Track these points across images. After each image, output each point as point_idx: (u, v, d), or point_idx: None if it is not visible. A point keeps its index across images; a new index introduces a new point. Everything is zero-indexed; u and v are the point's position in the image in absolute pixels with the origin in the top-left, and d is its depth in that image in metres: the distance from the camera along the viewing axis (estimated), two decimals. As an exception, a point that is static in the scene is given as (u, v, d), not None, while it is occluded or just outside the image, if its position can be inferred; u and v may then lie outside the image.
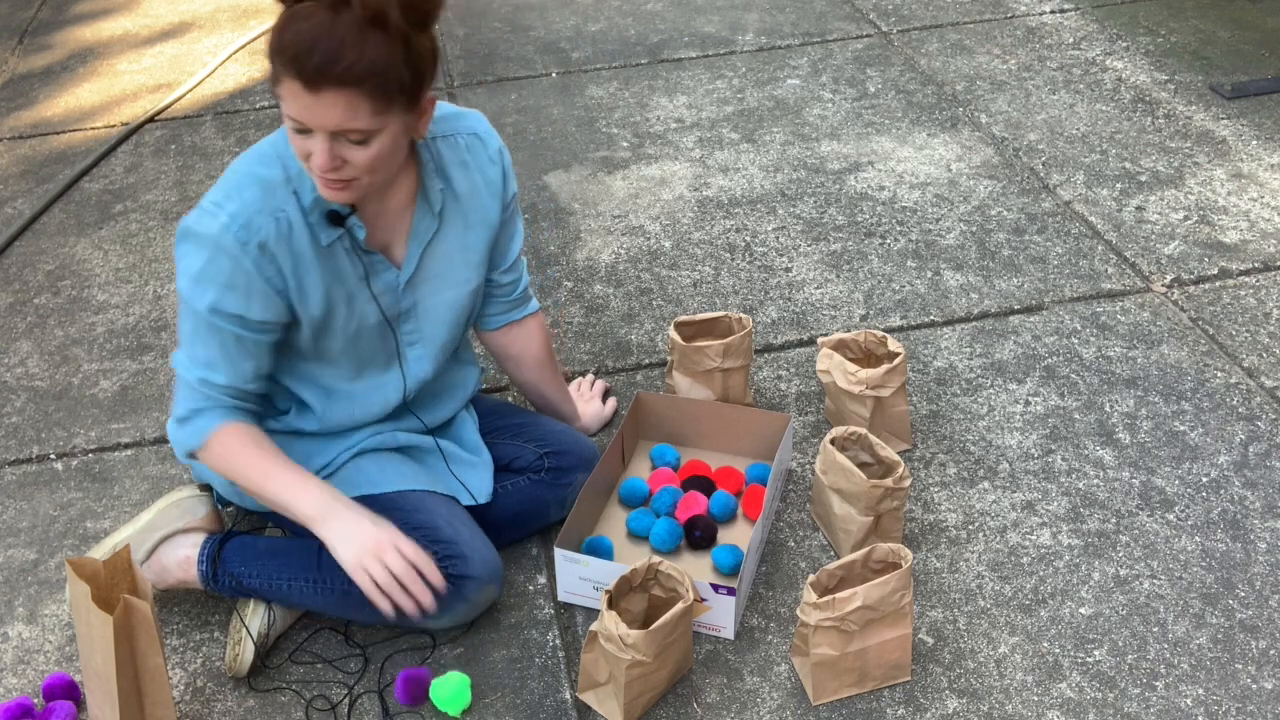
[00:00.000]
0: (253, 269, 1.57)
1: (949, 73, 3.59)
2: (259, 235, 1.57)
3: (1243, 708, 1.71)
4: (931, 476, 2.14)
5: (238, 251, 1.56)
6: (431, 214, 1.72)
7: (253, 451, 1.67)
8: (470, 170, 1.75)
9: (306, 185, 1.59)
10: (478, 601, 1.80)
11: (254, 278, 1.58)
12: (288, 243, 1.60)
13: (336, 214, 1.61)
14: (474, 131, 1.76)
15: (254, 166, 1.60)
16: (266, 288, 1.60)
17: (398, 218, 1.71)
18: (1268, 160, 3.07)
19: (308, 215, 1.61)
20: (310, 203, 1.60)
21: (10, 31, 4.23)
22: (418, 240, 1.72)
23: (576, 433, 2.05)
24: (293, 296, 1.64)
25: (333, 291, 1.67)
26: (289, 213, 1.59)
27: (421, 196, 1.70)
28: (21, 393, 2.46)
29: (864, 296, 2.62)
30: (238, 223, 1.56)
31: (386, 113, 1.47)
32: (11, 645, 1.89)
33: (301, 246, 1.61)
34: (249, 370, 1.67)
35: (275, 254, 1.59)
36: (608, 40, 3.91)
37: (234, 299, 1.59)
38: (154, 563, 1.85)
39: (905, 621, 1.71)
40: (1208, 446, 2.18)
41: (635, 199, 3.02)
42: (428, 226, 1.72)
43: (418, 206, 1.70)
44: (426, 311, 1.78)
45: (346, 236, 1.65)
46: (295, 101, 1.44)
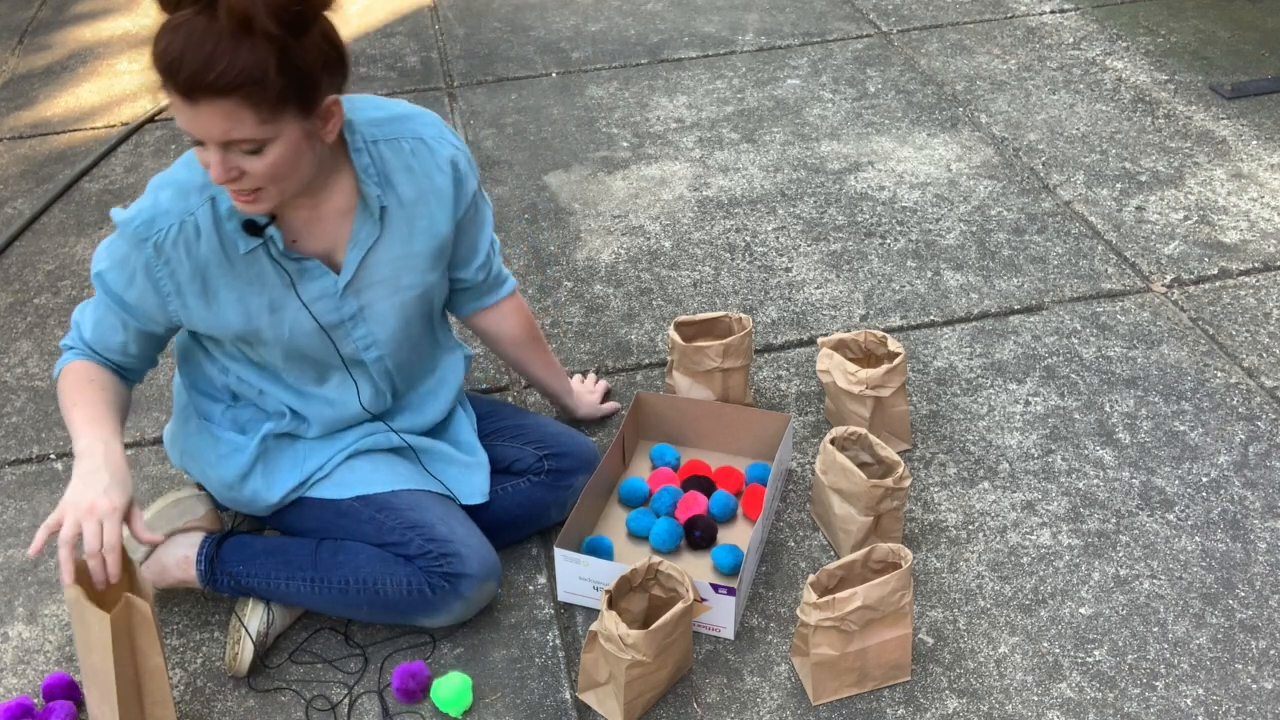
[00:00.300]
0: (141, 265, 1.59)
1: (949, 73, 3.59)
2: (157, 235, 1.56)
3: (1243, 708, 1.71)
4: (931, 476, 2.14)
5: (134, 244, 1.57)
6: (372, 220, 1.65)
7: (74, 389, 1.65)
8: (416, 176, 1.67)
9: (225, 192, 1.56)
10: (475, 600, 1.80)
11: (139, 272, 1.60)
12: (189, 247, 1.57)
13: (253, 223, 1.57)
14: (419, 137, 1.68)
15: (180, 168, 1.59)
16: (149, 285, 1.60)
17: (337, 224, 1.65)
18: (1268, 160, 3.07)
19: (223, 222, 1.57)
20: (227, 210, 1.56)
21: (10, 31, 4.23)
22: (358, 247, 1.66)
23: (577, 434, 2.05)
24: (186, 302, 1.62)
25: (249, 300, 1.63)
26: (198, 217, 1.56)
27: (361, 201, 1.64)
28: (21, 393, 2.46)
29: (864, 296, 2.62)
30: (140, 219, 1.56)
31: (275, 120, 1.41)
32: (11, 645, 1.89)
33: (208, 252, 1.58)
34: (115, 342, 1.68)
35: (170, 257, 1.57)
36: (608, 40, 3.91)
37: (119, 276, 1.61)
38: (153, 562, 1.85)
39: (905, 621, 1.71)
40: (1208, 446, 2.18)
41: (635, 199, 3.02)
42: (369, 233, 1.66)
43: (358, 211, 1.65)
44: (376, 316, 1.72)
45: (271, 244, 1.60)
46: (179, 114, 1.41)
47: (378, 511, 1.79)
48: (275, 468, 1.81)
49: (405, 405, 1.89)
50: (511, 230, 2.91)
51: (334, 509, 1.81)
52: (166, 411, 2.36)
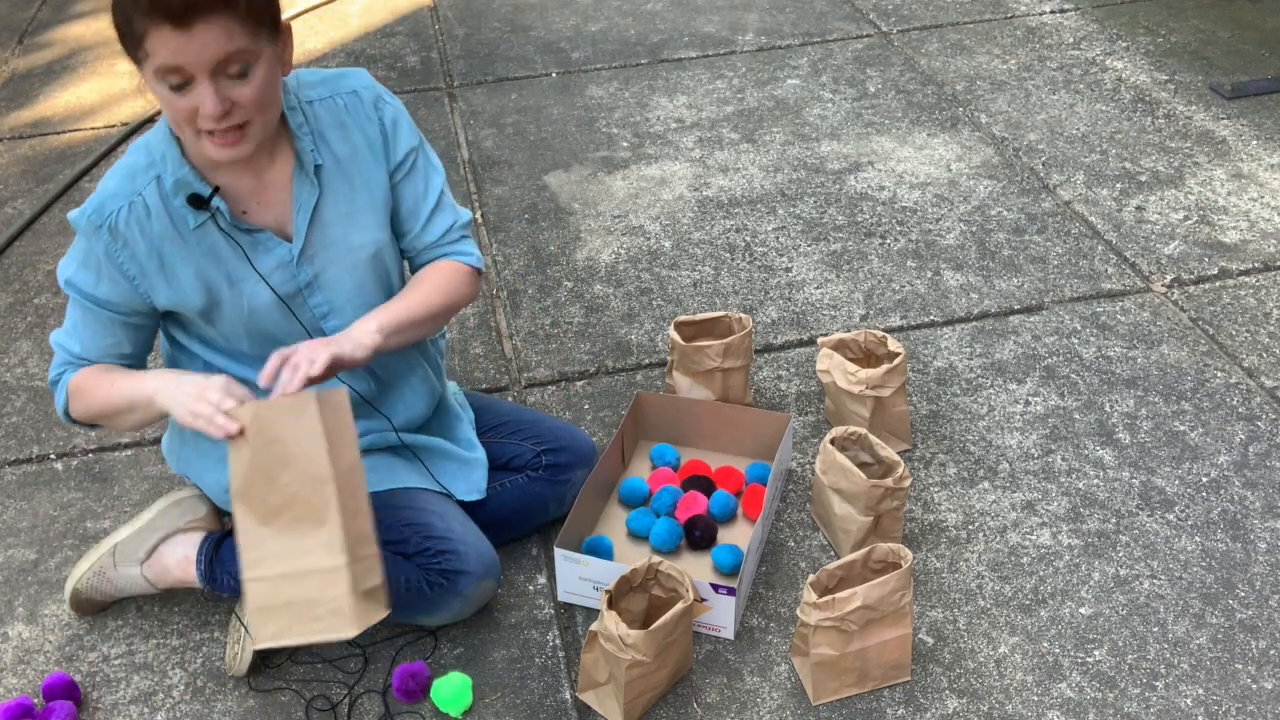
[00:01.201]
0: (103, 253, 1.60)
1: (949, 73, 3.59)
2: (110, 219, 1.58)
3: (1243, 708, 1.71)
4: (931, 476, 2.14)
5: (91, 234, 1.59)
6: (309, 181, 1.65)
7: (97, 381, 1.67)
8: (350, 130, 1.67)
9: (168, 169, 1.58)
10: (474, 597, 1.80)
11: (103, 261, 1.60)
12: (141, 226, 1.59)
13: (198, 196, 1.58)
14: (352, 89, 1.68)
15: (126, 156, 1.62)
16: (115, 272, 1.61)
17: (280, 192, 1.65)
18: (1268, 160, 3.07)
19: (169, 199, 1.59)
20: (172, 186, 1.58)
21: (10, 31, 4.23)
22: (302, 210, 1.66)
23: (575, 429, 2.05)
24: (153, 282, 1.62)
25: (208, 273, 1.63)
26: (145, 196, 1.59)
27: (297, 164, 1.65)
28: (21, 393, 2.46)
29: (864, 296, 2.62)
30: (91, 208, 1.58)
31: (257, 37, 1.45)
32: (11, 645, 1.89)
33: (160, 229, 1.60)
34: (105, 345, 1.68)
35: (127, 238, 1.59)
36: (608, 40, 3.91)
37: (86, 276, 1.62)
38: (154, 562, 1.85)
39: (905, 621, 1.71)
40: (1208, 446, 2.18)
41: (635, 199, 3.02)
42: (309, 195, 1.66)
43: (295, 175, 1.65)
44: (331, 282, 1.71)
45: (219, 216, 1.61)
46: (166, 47, 1.41)
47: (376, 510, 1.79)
48: None
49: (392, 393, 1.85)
50: (511, 230, 2.91)
51: None
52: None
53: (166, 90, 1.45)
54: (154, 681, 1.82)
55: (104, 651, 1.87)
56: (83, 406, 1.69)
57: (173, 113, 1.48)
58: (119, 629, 1.90)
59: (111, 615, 1.93)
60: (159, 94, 1.47)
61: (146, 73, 1.46)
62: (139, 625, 1.91)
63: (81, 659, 1.86)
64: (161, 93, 1.46)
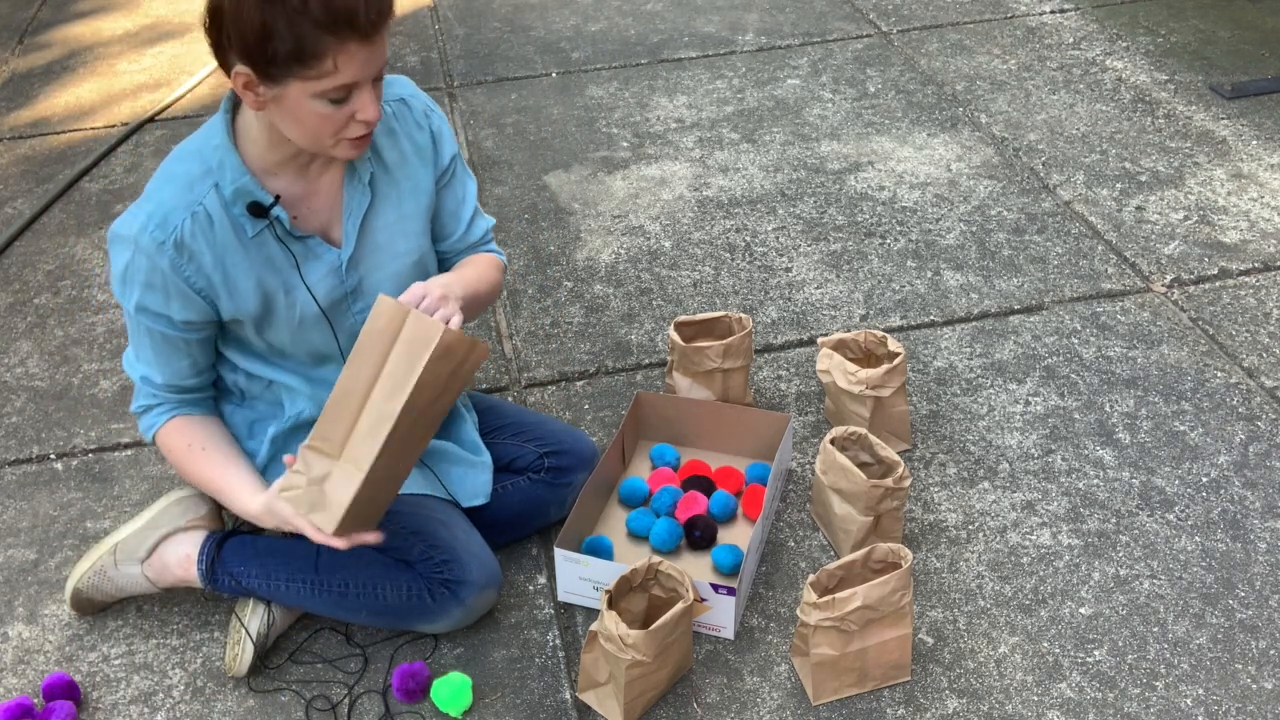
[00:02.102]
0: (169, 269, 1.56)
1: (949, 73, 3.59)
2: (174, 232, 1.55)
3: (1243, 708, 1.71)
4: (931, 476, 2.14)
5: (154, 251, 1.55)
6: (361, 187, 1.67)
7: (194, 450, 1.69)
8: (398, 138, 1.70)
9: (226, 177, 1.56)
10: (474, 607, 1.80)
11: (170, 277, 1.56)
12: (206, 237, 1.57)
13: (259, 205, 1.58)
14: (400, 97, 1.71)
15: (173, 165, 1.59)
16: (185, 287, 1.58)
17: (331, 198, 1.66)
18: (1268, 160, 3.07)
19: (229, 207, 1.58)
20: (231, 194, 1.57)
21: (10, 31, 4.23)
22: (352, 216, 1.67)
23: (577, 432, 2.05)
24: (219, 293, 1.61)
25: (266, 280, 1.63)
26: (207, 205, 1.56)
27: (349, 170, 1.66)
28: (21, 393, 2.46)
29: (864, 296, 2.62)
30: (153, 221, 1.54)
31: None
32: (11, 645, 1.89)
33: (225, 238, 1.58)
34: (185, 367, 1.67)
35: (194, 250, 1.56)
36: (608, 40, 3.91)
37: (154, 298, 1.58)
38: (154, 560, 1.85)
39: (905, 621, 1.71)
40: (1208, 446, 2.18)
41: (635, 199, 3.02)
42: (360, 201, 1.67)
43: (346, 181, 1.66)
44: (374, 288, 1.73)
45: (277, 224, 1.61)
46: (353, 61, 1.42)
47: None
48: (280, 471, 1.81)
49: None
50: (511, 230, 2.91)
51: None
52: (166, 411, 2.36)
53: (324, 104, 1.45)
54: (154, 681, 1.82)
55: (104, 651, 1.87)
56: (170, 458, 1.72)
57: (323, 124, 1.47)
58: (119, 629, 1.90)
59: (111, 615, 1.93)
60: (306, 109, 1.45)
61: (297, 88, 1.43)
62: (139, 625, 1.91)
63: (81, 659, 1.86)
64: (314, 108, 1.45)
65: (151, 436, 1.72)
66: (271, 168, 1.59)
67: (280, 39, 1.38)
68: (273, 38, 1.38)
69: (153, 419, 1.71)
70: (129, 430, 2.32)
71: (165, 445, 1.72)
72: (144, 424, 1.72)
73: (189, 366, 1.68)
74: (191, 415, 1.71)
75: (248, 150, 1.57)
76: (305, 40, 1.38)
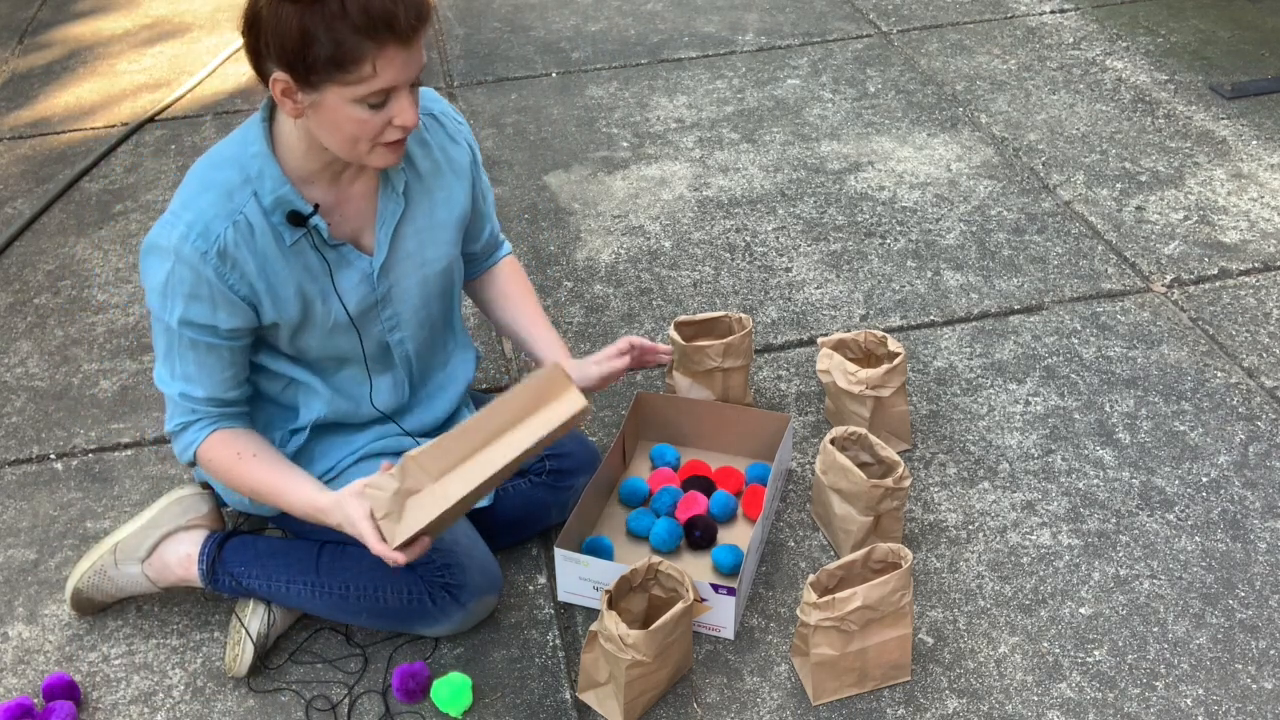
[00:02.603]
0: (214, 278, 1.54)
1: (949, 73, 3.59)
2: (217, 242, 1.53)
3: (1243, 708, 1.71)
4: (931, 476, 2.14)
5: (198, 261, 1.53)
6: (395, 195, 1.68)
7: (244, 459, 1.66)
8: (431, 148, 1.72)
9: (266, 185, 1.56)
10: (475, 611, 1.80)
11: (216, 286, 1.55)
12: (249, 245, 1.56)
13: (298, 214, 1.58)
14: (430, 112, 1.73)
15: (210, 172, 1.57)
16: (231, 295, 1.56)
17: (363, 205, 1.67)
18: (1268, 160, 3.07)
19: (269, 215, 1.57)
20: (271, 203, 1.56)
21: (10, 31, 4.23)
22: (385, 224, 1.68)
23: (579, 435, 2.05)
24: (262, 300, 1.60)
25: (306, 288, 1.64)
26: (248, 214, 1.56)
27: (383, 178, 1.67)
28: (21, 393, 2.46)
29: (864, 296, 2.62)
30: (195, 230, 1.52)
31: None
32: (11, 645, 1.89)
33: (266, 246, 1.58)
34: (228, 379, 1.65)
35: (237, 259, 1.55)
36: (608, 40, 3.91)
37: (200, 309, 1.56)
38: (155, 560, 1.85)
39: (905, 621, 1.71)
40: (1208, 446, 2.18)
41: (635, 199, 3.02)
42: (394, 210, 1.68)
43: (381, 189, 1.67)
44: (402, 294, 1.74)
45: (315, 233, 1.61)
46: (390, 67, 1.42)
47: None
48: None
49: (417, 401, 1.88)
50: (511, 230, 2.91)
51: None
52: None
53: (363, 109, 1.45)
54: (154, 681, 1.82)
55: (104, 651, 1.87)
56: (210, 470, 1.69)
57: (360, 129, 1.47)
58: (119, 629, 1.90)
59: (111, 615, 1.93)
60: (343, 114, 1.45)
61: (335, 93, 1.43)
62: (139, 625, 1.91)
63: (81, 659, 1.86)
64: (351, 112, 1.45)
65: (193, 453, 1.67)
66: (308, 176, 1.59)
67: (319, 45, 1.38)
68: (312, 44, 1.38)
69: (193, 435, 1.66)
70: (129, 430, 2.32)
71: (210, 458, 1.67)
72: (183, 441, 1.67)
73: (232, 378, 1.65)
74: (233, 428, 1.68)
75: (285, 159, 1.57)
76: (344, 45, 1.38)
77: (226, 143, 1.60)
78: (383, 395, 1.81)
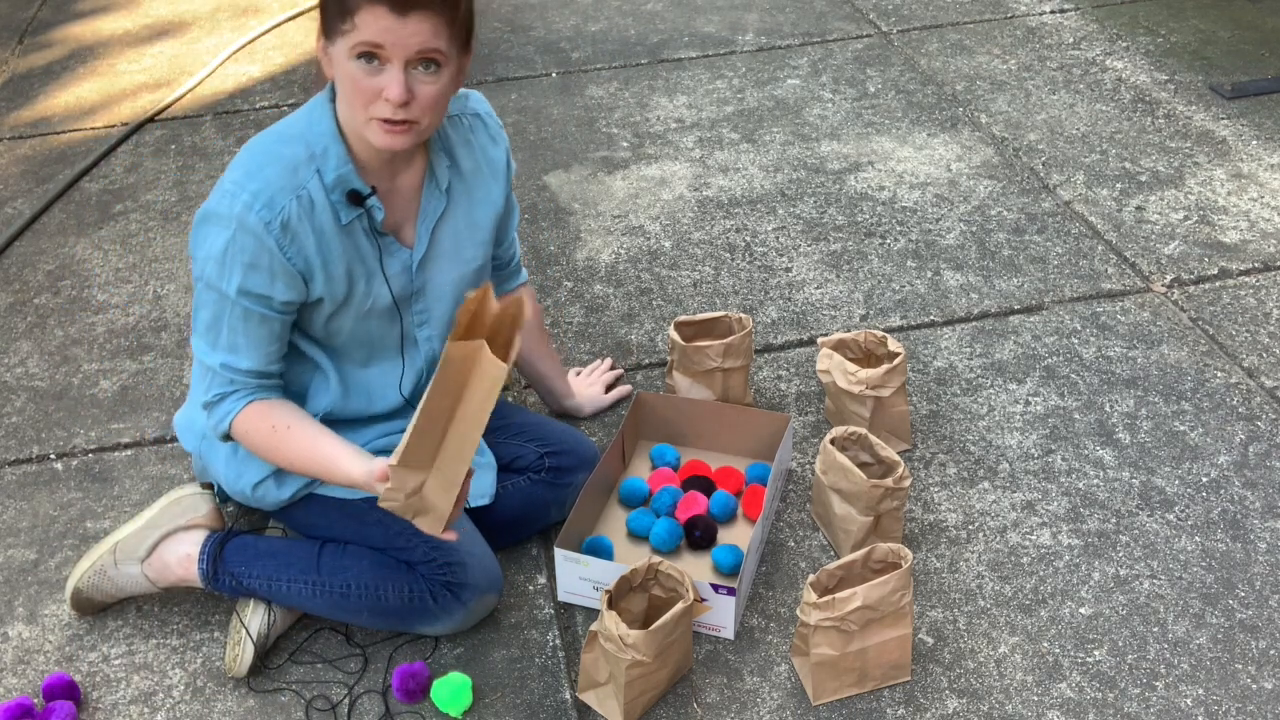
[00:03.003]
0: (275, 249, 1.57)
1: (949, 73, 3.59)
2: (281, 213, 1.57)
3: (1243, 708, 1.71)
4: (931, 476, 2.14)
5: (261, 231, 1.56)
6: (439, 192, 1.73)
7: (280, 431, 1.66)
8: (473, 149, 1.78)
9: (330, 164, 1.60)
10: (475, 610, 1.80)
11: (277, 257, 1.58)
12: (310, 220, 1.60)
13: (357, 193, 1.62)
14: (476, 112, 1.79)
15: (275, 145, 1.60)
16: (290, 268, 1.59)
17: (407, 198, 1.72)
18: (1268, 160, 3.07)
19: (329, 193, 1.61)
20: (332, 181, 1.60)
21: (10, 31, 4.23)
22: (426, 220, 1.73)
23: (578, 432, 2.05)
24: (315, 275, 1.63)
25: (354, 269, 1.67)
26: (310, 190, 1.59)
27: (429, 175, 1.72)
28: (21, 393, 2.46)
29: (864, 296, 2.62)
30: (260, 201, 1.55)
31: (452, 46, 1.52)
32: (11, 645, 1.89)
33: (324, 223, 1.62)
34: (272, 352, 1.66)
35: (297, 232, 1.59)
36: (608, 40, 3.91)
37: (259, 279, 1.58)
38: (155, 559, 1.85)
39: (905, 621, 1.71)
40: (1208, 446, 2.18)
41: (635, 199, 3.02)
42: (436, 206, 1.73)
43: (425, 185, 1.72)
44: (434, 290, 1.78)
45: (365, 217, 1.65)
46: (376, 25, 1.46)
47: (385, 514, 1.79)
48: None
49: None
50: (511, 230, 2.91)
51: (341, 509, 1.81)
52: (167, 411, 2.36)
53: (357, 66, 1.50)
54: (154, 681, 1.82)
55: (104, 651, 1.87)
56: (247, 441, 1.69)
57: (354, 90, 1.52)
58: (119, 629, 1.90)
59: (111, 615, 1.93)
60: (345, 69, 1.51)
61: (339, 46, 1.50)
62: (139, 625, 1.91)
63: (81, 659, 1.86)
64: (349, 68, 1.50)
65: (228, 424, 1.67)
66: (364, 161, 1.64)
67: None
68: None
69: (230, 405, 1.67)
70: (129, 430, 2.32)
71: (246, 429, 1.67)
72: (220, 411, 1.67)
73: (275, 351, 1.67)
74: (269, 399, 1.68)
75: (347, 140, 1.62)
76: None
77: (291, 120, 1.64)
78: (406, 385, 1.83)
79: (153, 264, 2.85)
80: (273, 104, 3.60)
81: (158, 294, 2.74)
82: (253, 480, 1.79)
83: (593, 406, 2.27)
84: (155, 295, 2.74)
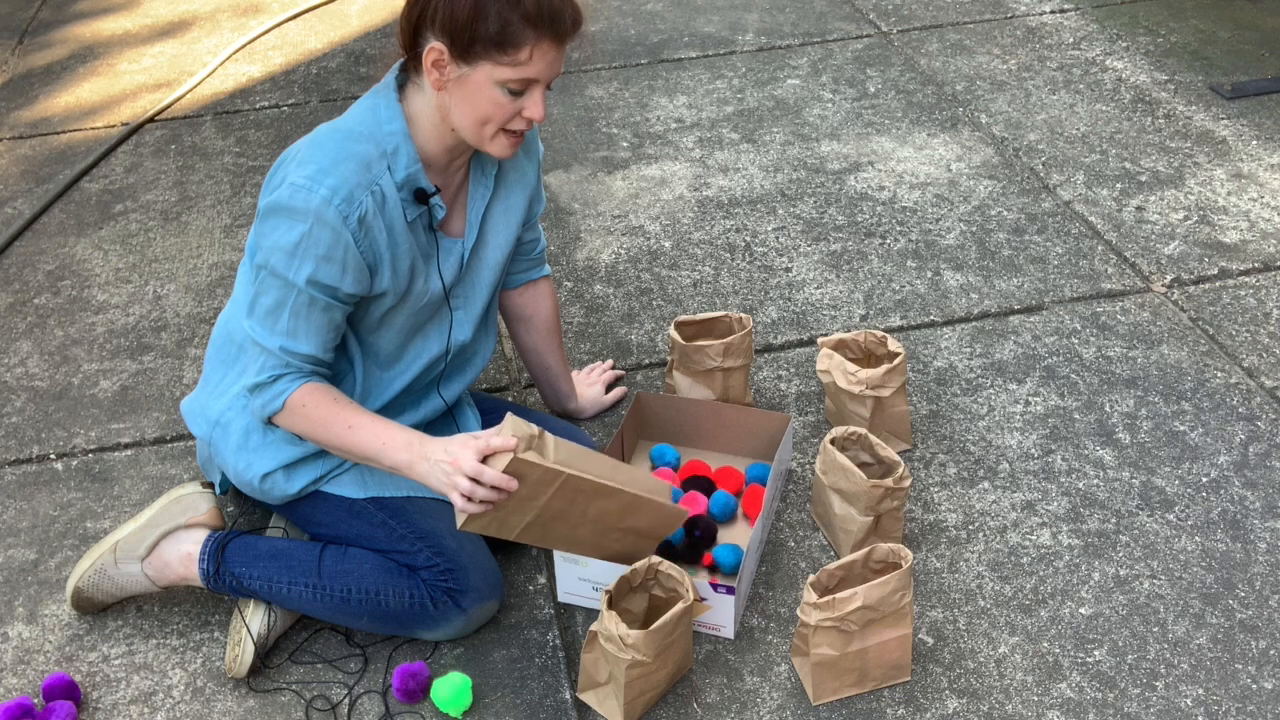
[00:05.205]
0: (352, 242, 1.60)
1: (949, 73, 3.59)
2: (360, 209, 1.60)
3: (1243, 708, 1.71)
4: (931, 476, 2.14)
5: (339, 225, 1.59)
6: (486, 179, 1.79)
7: (331, 410, 1.68)
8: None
9: (400, 162, 1.64)
10: (476, 616, 1.80)
11: (351, 251, 1.61)
12: (383, 215, 1.64)
13: (424, 191, 1.67)
14: None
15: (347, 143, 1.62)
16: (361, 261, 1.63)
17: (455, 193, 1.77)
18: (1268, 160, 3.07)
19: (399, 191, 1.65)
20: (402, 179, 1.65)
21: (10, 31, 4.23)
22: (475, 206, 1.78)
23: (579, 432, 2.05)
24: (383, 269, 1.67)
25: (416, 264, 1.72)
26: (383, 187, 1.63)
27: (476, 164, 1.77)
28: (21, 393, 2.46)
29: (864, 296, 2.62)
30: (339, 196, 1.58)
31: None
32: (11, 645, 1.89)
33: (394, 219, 1.66)
34: (330, 340, 1.69)
35: (372, 228, 1.62)
36: (608, 40, 3.91)
37: (330, 271, 1.61)
38: (155, 558, 1.85)
39: (905, 621, 1.71)
40: (1208, 446, 2.18)
41: (635, 199, 3.02)
42: (483, 193, 1.79)
43: (472, 175, 1.78)
44: (473, 273, 1.83)
45: (430, 213, 1.70)
46: (542, 60, 1.56)
47: (390, 517, 1.79)
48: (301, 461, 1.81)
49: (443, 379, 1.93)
50: (511, 230, 2.91)
51: (347, 508, 1.81)
52: (167, 411, 2.36)
53: (503, 92, 1.57)
54: (154, 681, 1.82)
55: (104, 651, 1.87)
56: (297, 422, 1.69)
57: (494, 109, 1.58)
58: (119, 629, 1.90)
59: (111, 615, 1.93)
60: (486, 92, 1.56)
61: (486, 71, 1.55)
62: (139, 625, 1.91)
63: (81, 659, 1.86)
64: (494, 93, 1.56)
65: (282, 402, 1.68)
66: (428, 159, 1.68)
67: (488, 21, 1.52)
68: (482, 20, 1.52)
69: (285, 385, 1.68)
70: (129, 430, 2.32)
71: (305, 402, 1.67)
72: (273, 390, 1.68)
73: (332, 339, 1.70)
74: (322, 384, 1.71)
75: (415, 139, 1.66)
76: (510, 28, 1.52)
77: (356, 117, 1.66)
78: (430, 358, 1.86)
79: (153, 264, 2.85)
80: (273, 104, 3.60)
81: (158, 294, 2.74)
82: (261, 471, 1.79)
83: (594, 407, 2.28)
84: (155, 295, 2.74)
